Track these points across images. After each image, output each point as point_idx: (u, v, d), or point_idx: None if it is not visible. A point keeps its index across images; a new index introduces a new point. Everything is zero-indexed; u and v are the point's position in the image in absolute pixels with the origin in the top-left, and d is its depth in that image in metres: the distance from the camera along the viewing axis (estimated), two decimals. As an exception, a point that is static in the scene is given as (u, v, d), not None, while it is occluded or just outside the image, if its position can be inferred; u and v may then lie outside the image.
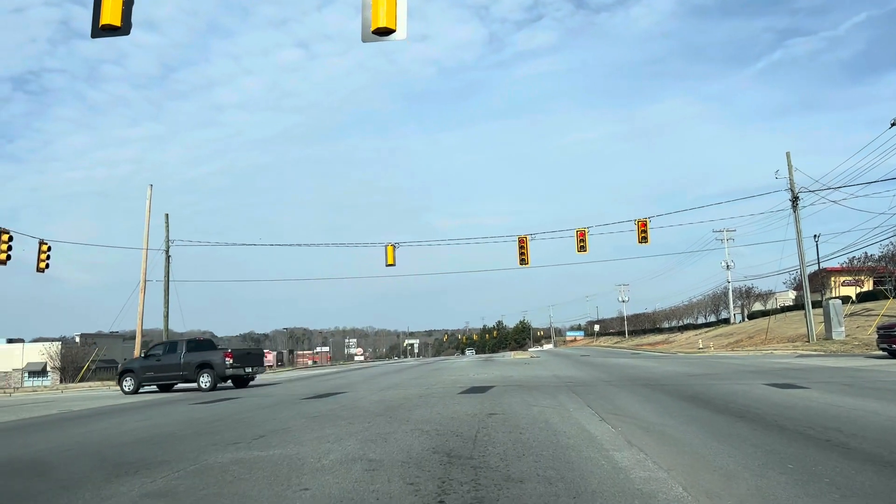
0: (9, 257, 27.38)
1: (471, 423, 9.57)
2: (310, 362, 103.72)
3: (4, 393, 34.64)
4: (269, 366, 78.84)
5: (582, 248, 35.39)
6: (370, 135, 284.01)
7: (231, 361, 23.75)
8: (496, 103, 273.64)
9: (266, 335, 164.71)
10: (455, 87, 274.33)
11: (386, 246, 37.27)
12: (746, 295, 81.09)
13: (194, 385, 24.23)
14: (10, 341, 62.00)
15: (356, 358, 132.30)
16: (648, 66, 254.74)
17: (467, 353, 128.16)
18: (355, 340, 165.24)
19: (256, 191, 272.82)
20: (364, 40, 9.95)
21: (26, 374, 54.60)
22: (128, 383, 25.00)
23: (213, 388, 23.35)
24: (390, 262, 37.13)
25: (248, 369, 24.86)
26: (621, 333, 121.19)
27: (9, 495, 5.89)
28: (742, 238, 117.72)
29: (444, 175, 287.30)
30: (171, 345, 25.69)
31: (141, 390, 25.18)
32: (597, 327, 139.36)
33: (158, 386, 25.53)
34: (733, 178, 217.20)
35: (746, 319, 73.33)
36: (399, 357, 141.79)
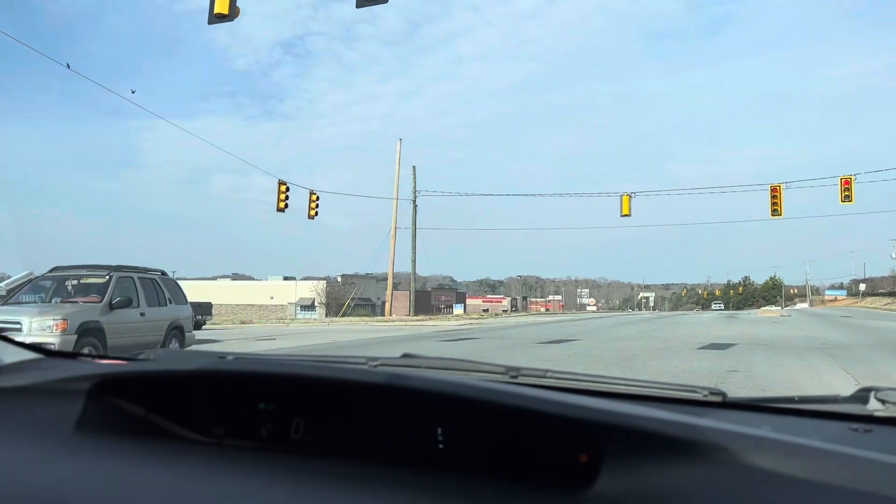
0: (286, 206, 31.47)
1: (709, 378, 9.41)
2: (542, 309, 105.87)
3: (284, 323, 40.40)
4: (503, 310, 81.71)
5: (846, 198, 31.61)
6: (607, 79, 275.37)
7: None
8: (750, 36, 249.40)
9: (500, 281, 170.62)
10: (702, 21, 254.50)
11: (621, 195, 36.51)
12: None
13: None
14: (285, 279, 71.37)
15: (588, 308, 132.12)
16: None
17: (714, 306, 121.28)
18: (587, 290, 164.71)
19: (493, 141, 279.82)
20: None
21: (298, 308, 62.71)
22: None
23: None
24: (625, 212, 36.31)
25: (199, 317, 29.26)
26: (893, 294, 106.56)
27: None
28: None
29: (686, 119, 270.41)
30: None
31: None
32: (862, 286, 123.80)
33: None
34: None
35: None
36: (633, 310, 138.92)
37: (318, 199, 34.20)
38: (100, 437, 1.03)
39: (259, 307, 61.47)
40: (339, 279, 70.75)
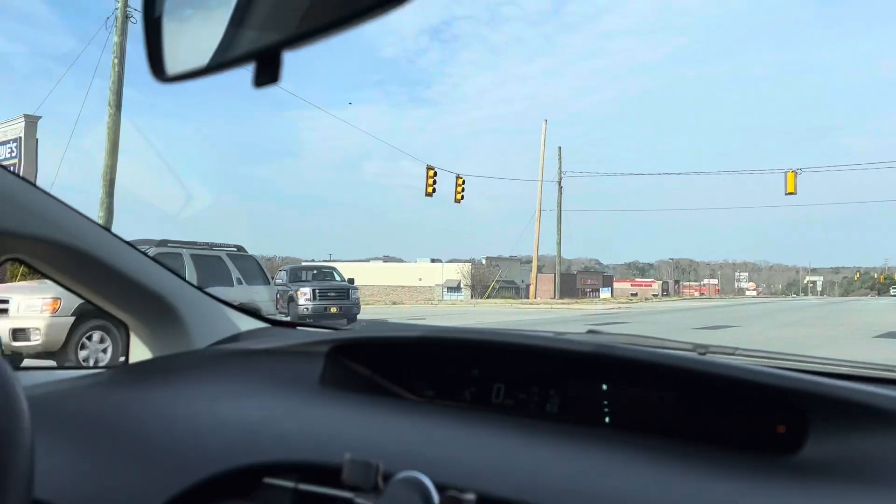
0: (434, 190, 32.27)
1: (889, 368, 8.68)
2: (696, 294, 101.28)
3: (432, 304, 41.65)
4: (653, 294, 79.12)
5: None
6: (768, 48, 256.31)
7: None
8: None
9: (650, 264, 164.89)
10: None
11: (786, 172, 34.01)
12: None
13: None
14: (432, 261, 73.31)
15: (747, 293, 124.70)
16: None
17: (893, 291, 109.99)
18: (746, 274, 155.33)
19: (642, 118, 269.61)
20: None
21: (445, 289, 64.23)
22: None
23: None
24: (790, 190, 33.78)
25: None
26: None
27: None
28: None
29: (859, 86, 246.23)
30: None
31: None
32: None
33: None
34: None
35: None
36: (797, 295, 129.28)
37: (463, 182, 34.76)
38: (340, 391, 1.22)
39: (408, 288, 63.65)
40: (484, 261, 71.64)
